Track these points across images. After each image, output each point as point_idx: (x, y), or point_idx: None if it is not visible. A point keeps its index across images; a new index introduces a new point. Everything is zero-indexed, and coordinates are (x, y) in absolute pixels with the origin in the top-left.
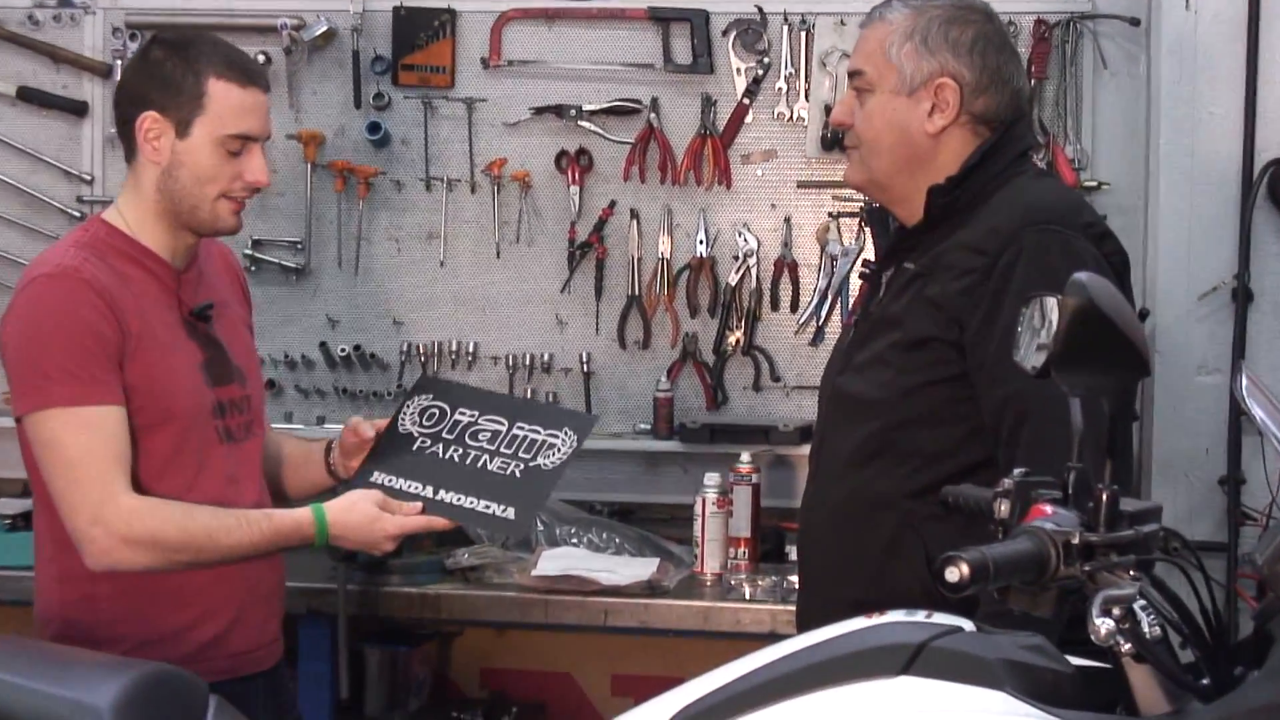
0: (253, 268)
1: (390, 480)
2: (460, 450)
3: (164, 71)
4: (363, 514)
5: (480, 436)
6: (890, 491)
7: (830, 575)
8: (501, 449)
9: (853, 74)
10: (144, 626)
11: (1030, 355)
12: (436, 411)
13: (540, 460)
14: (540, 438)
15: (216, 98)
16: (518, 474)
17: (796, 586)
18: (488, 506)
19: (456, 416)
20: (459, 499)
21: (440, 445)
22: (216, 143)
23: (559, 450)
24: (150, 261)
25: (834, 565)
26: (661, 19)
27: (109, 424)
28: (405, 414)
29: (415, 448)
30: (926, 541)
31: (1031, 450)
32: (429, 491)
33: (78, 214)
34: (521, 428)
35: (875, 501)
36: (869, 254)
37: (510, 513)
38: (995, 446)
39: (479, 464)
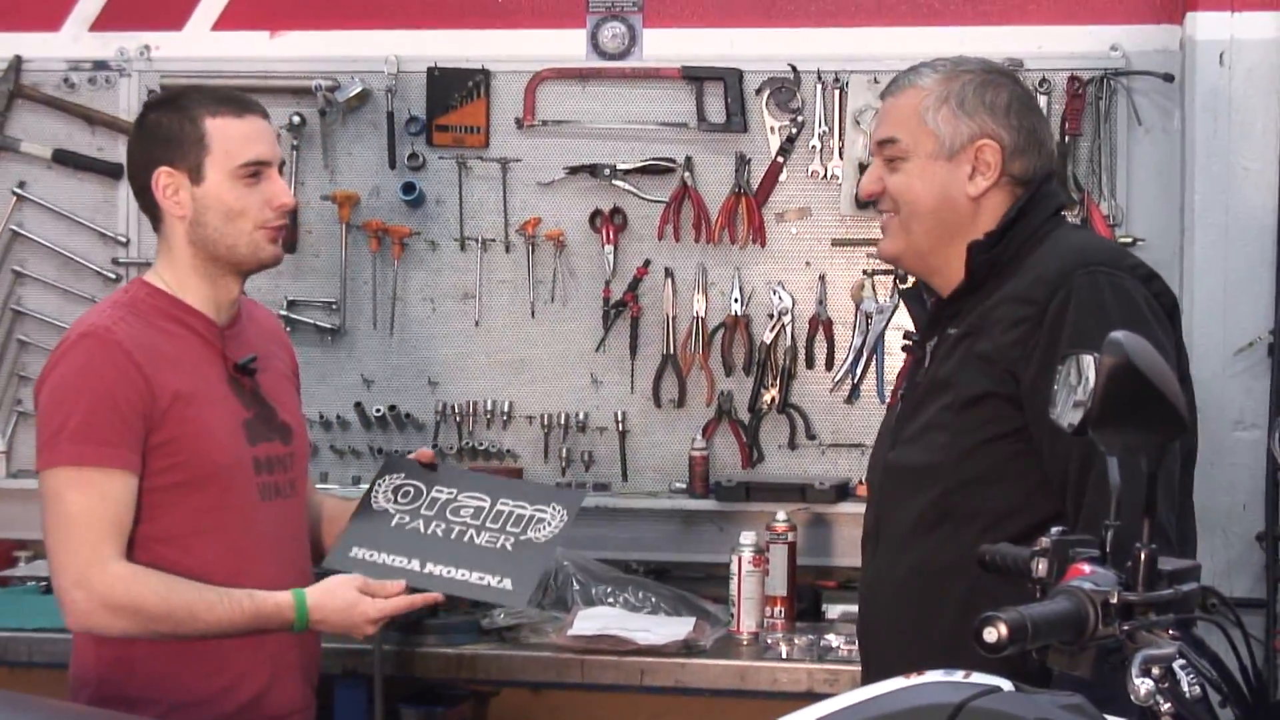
0: (288, 328)
1: (370, 555)
2: (443, 525)
3: (161, 128)
4: (342, 599)
5: (462, 513)
6: (958, 557)
7: (900, 649)
8: (488, 524)
9: (883, 142)
10: (180, 689)
11: (1067, 413)
12: (411, 489)
13: (531, 534)
14: (527, 513)
15: (217, 134)
16: (509, 547)
17: (833, 645)
18: (481, 578)
19: (434, 494)
20: (448, 571)
21: (420, 521)
22: (232, 176)
23: (549, 524)
24: (193, 319)
25: (903, 640)
26: (695, 78)
27: (111, 488)
28: (377, 492)
29: (393, 524)
30: (1000, 605)
31: (1098, 499)
32: (415, 565)
33: (113, 276)
34: (506, 503)
35: (943, 569)
36: (909, 325)
37: (507, 583)
38: (1062, 495)
39: (465, 538)
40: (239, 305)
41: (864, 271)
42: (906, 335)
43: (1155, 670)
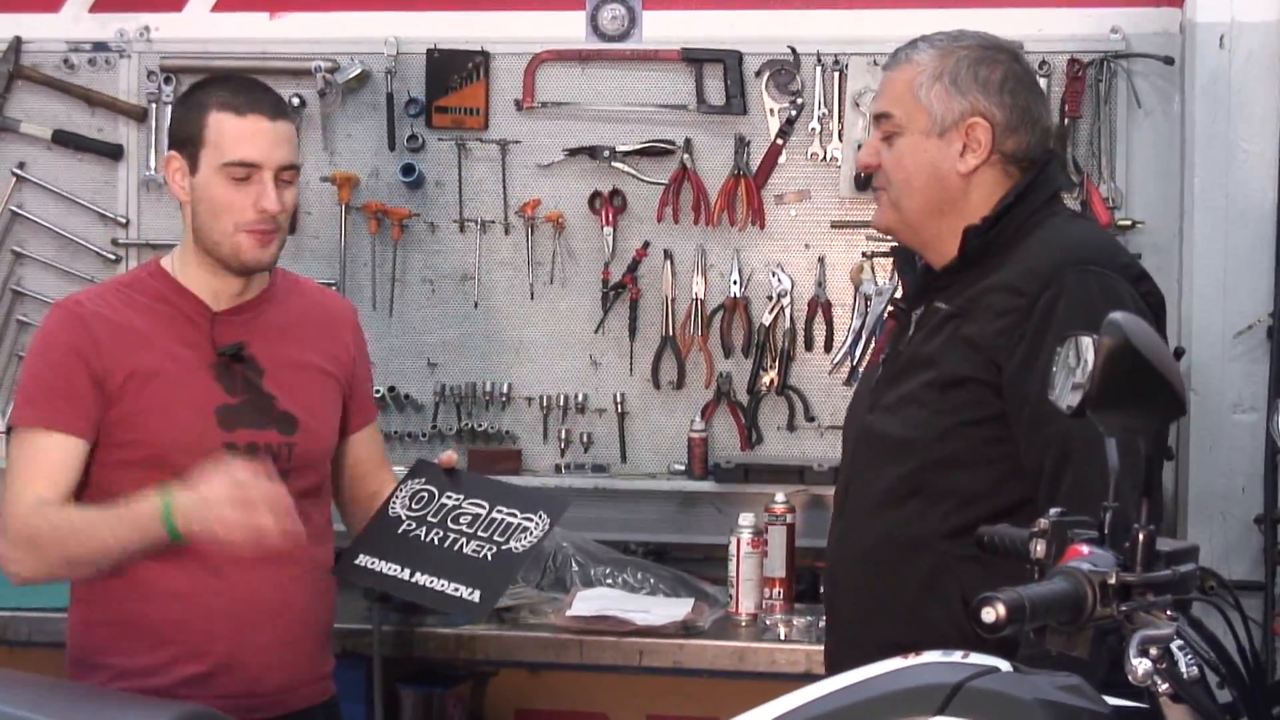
0: None
1: (373, 563)
2: (441, 533)
3: (179, 113)
4: (208, 481)
5: (461, 520)
6: (925, 532)
7: (863, 616)
8: (479, 532)
9: (879, 116)
10: (124, 657)
11: (1066, 395)
12: (426, 495)
13: (512, 544)
14: (516, 521)
15: (214, 129)
16: (489, 557)
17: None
18: (456, 589)
19: (443, 500)
20: (430, 581)
21: (424, 528)
22: (220, 173)
23: (531, 534)
24: (184, 302)
25: (867, 606)
26: (695, 60)
27: (46, 445)
28: (398, 497)
29: (400, 530)
30: (963, 583)
31: (1073, 493)
32: (405, 574)
33: (113, 257)
34: (500, 510)
35: (910, 543)
36: (899, 293)
37: (476, 595)
38: (1036, 488)
39: (455, 547)
40: (264, 293)
41: (863, 254)
42: (893, 301)
43: (1153, 651)
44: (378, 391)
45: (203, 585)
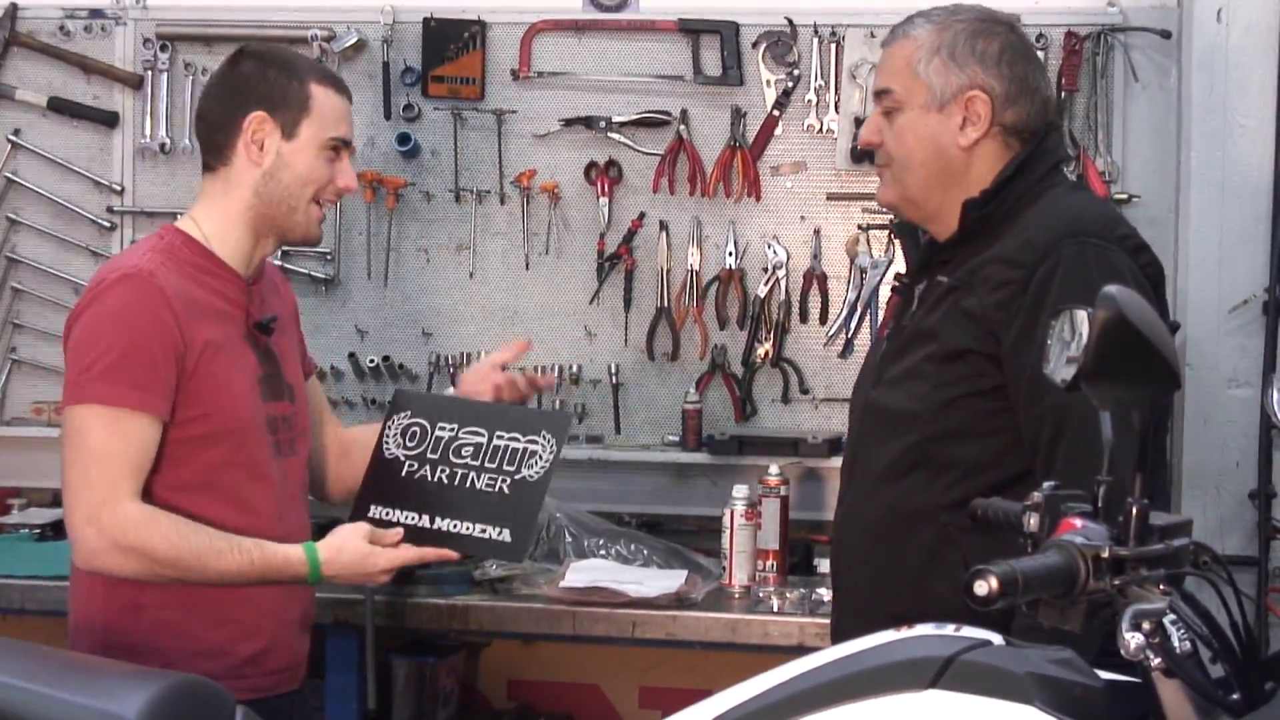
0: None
1: (387, 513)
2: (447, 470)
3: (266, 78)
4: (353, 553)
5: (464, 452)
6: (928, 504)
7: (867, 589)
8: (486, 464)
9: (879, 93)
10: (186, 640)
11: (1060, 368)
12: (418, 430)
13: (525, 472)
14: (520, 445)
15: (320, 101)
16: (505, 489)
17: (825, 599)
18: (483, 530)
19: (438, 433)
20: (454, 525)
21: (427, 467)
22: (320, 145)
23: (540, 458)
24: (223, 272)
25: (871, 579)
26: (691, 31)
27: (135, 430)
28: (389, 437)
29: (404, 473)
30: (966, 554)
31: (1068, 464)
32: (425, 521)
33: (108, 224)
34: (501, 437)
35: (913, 514)
36: (900, 267)
37: (505, 534)
38: (1033, 459)
39: (467, 483)
40: (264, 264)
41: (859, 226)
42: (897, 276)
43: (1146, 625)
44: (371, 361)
45: None
